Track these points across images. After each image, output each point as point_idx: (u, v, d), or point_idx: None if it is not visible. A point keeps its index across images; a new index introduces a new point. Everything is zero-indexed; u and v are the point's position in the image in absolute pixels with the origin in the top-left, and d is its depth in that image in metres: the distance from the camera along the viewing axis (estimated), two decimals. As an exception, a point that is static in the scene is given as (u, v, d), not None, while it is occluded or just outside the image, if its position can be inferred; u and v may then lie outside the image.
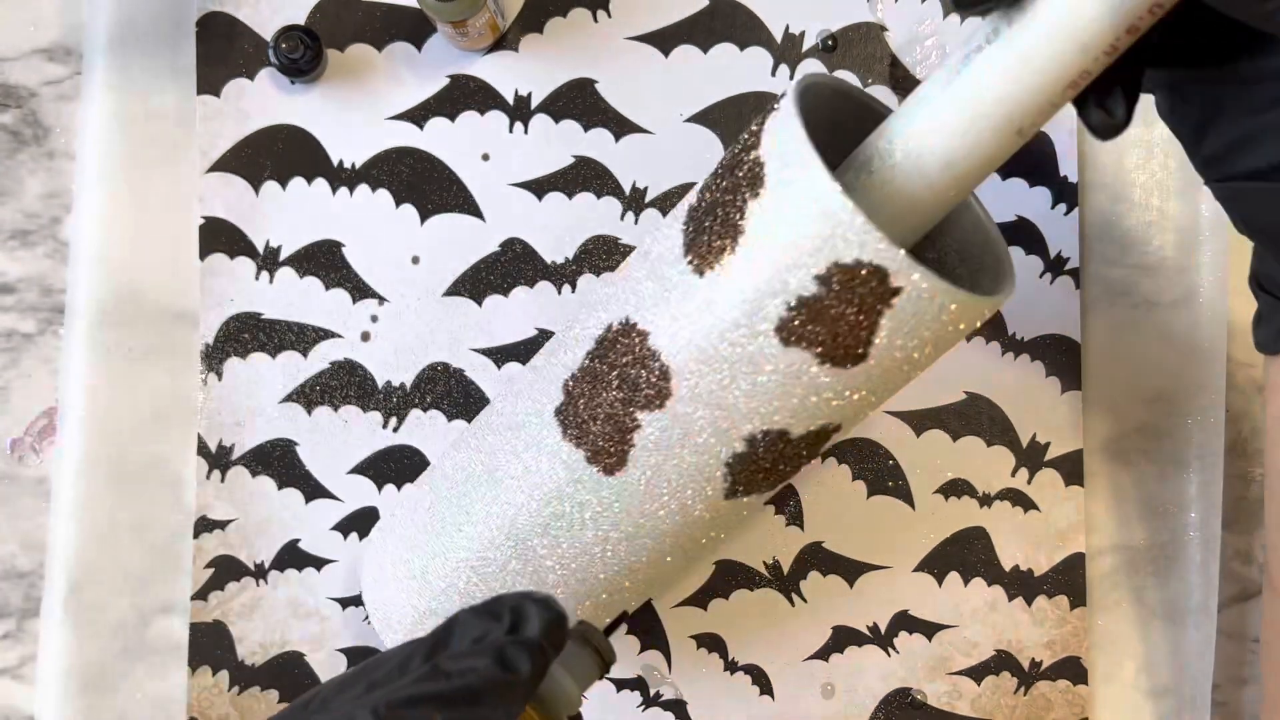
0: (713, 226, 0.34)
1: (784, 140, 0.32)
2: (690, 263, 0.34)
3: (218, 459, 0.50)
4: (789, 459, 0.37)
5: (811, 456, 0.38)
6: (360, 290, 0.51)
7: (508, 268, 0.51)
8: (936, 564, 0.51)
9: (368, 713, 0.27)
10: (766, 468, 0.37)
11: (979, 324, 0.34)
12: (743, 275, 0.33)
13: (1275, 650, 0.39)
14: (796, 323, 0.33)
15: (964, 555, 0.51)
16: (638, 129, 0.51)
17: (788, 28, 0.50)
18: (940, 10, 0.51)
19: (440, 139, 0.51)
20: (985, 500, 0.51)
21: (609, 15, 0.51)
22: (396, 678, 0.28)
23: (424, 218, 0.51)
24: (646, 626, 0.51)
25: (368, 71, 0.51)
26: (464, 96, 0.51)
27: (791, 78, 0.50)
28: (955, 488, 0.51)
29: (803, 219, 0.31)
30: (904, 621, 0.51)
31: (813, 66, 0.50)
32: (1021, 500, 0.51)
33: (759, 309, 0.33)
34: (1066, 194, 0.51)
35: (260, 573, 0.50)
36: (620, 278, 0.39)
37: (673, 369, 0.35)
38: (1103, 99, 0.31)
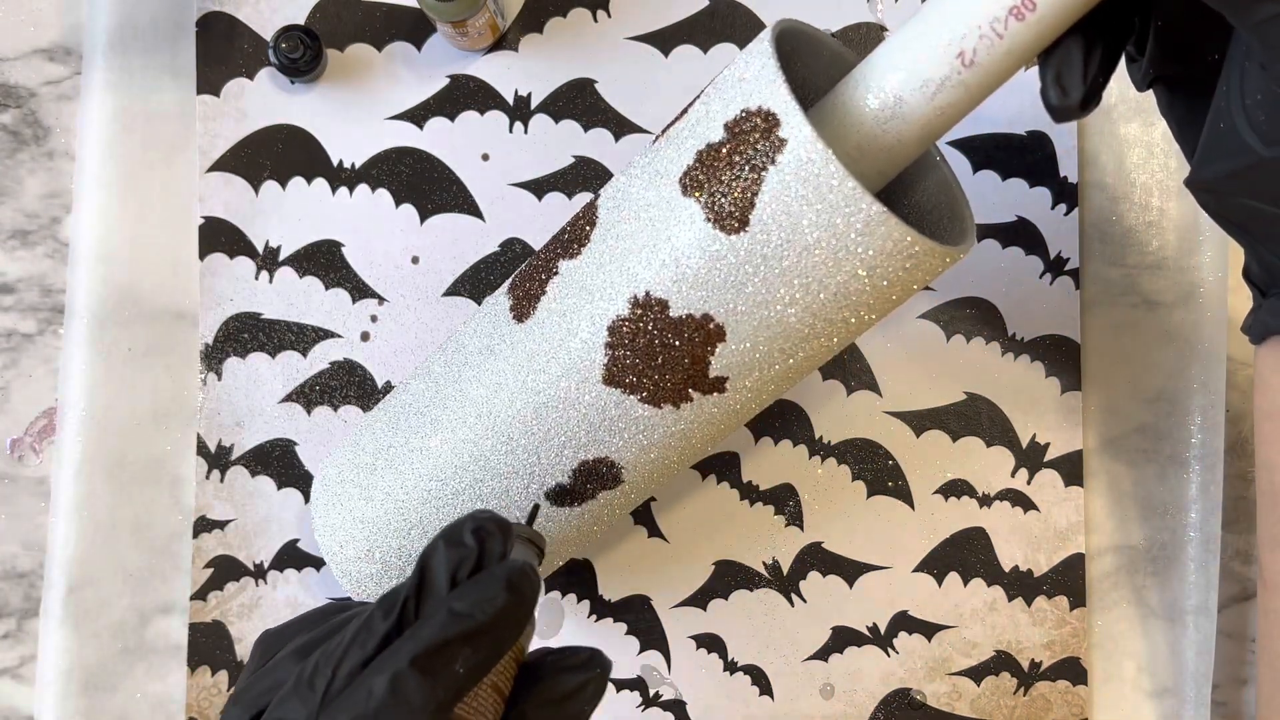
0: (676, 120, 0.37)
1: (752, 55, 0.34)
2: (655, 142, 0.38)
3: (217, 459, 0.50)
4: (666, 346, 0.36)
5: (694, 363, 0.36)
6: (360, 290, 0.51)
7: (508, 268, 0.51)
8: (936, 564, 0.51)
9: (406, 666, 0.27)
10: (642, 347, 0.36)
11: (901, 258, 0.33)
12: (670, 136, 0.36)
13: (1271, 645, 0.39)
14: (697, 172, 0.34)
15: (964, 555, 0.51)
16: (638, 129, 0.51)
17: (787, 28, 0.51)
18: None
19: (440, 139, 0.51)
20: (985, 500, 0.51)
21: (609, 15, 0.51)
22: (382, 629, 0.28)
23: (424, 218, 0.51)
24: (646, 626, 0.51)
25: (367, 71, 0.51)
26: (464, 96, 0.51)
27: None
28: (955, 488, 0.51)
29: (733, 79, 0.34)
30: (904, 622, 0.51)
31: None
32: (1021, 500, 0.51)
33: (675, 162, 0.35)
34: (1066, 194, 0.51)
35: (259, 573, 0.50)
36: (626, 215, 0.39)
37: (599, 218, 0.37)
38: (1060, 74, 0.31)
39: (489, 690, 0.30)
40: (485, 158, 0.51)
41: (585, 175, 0.51)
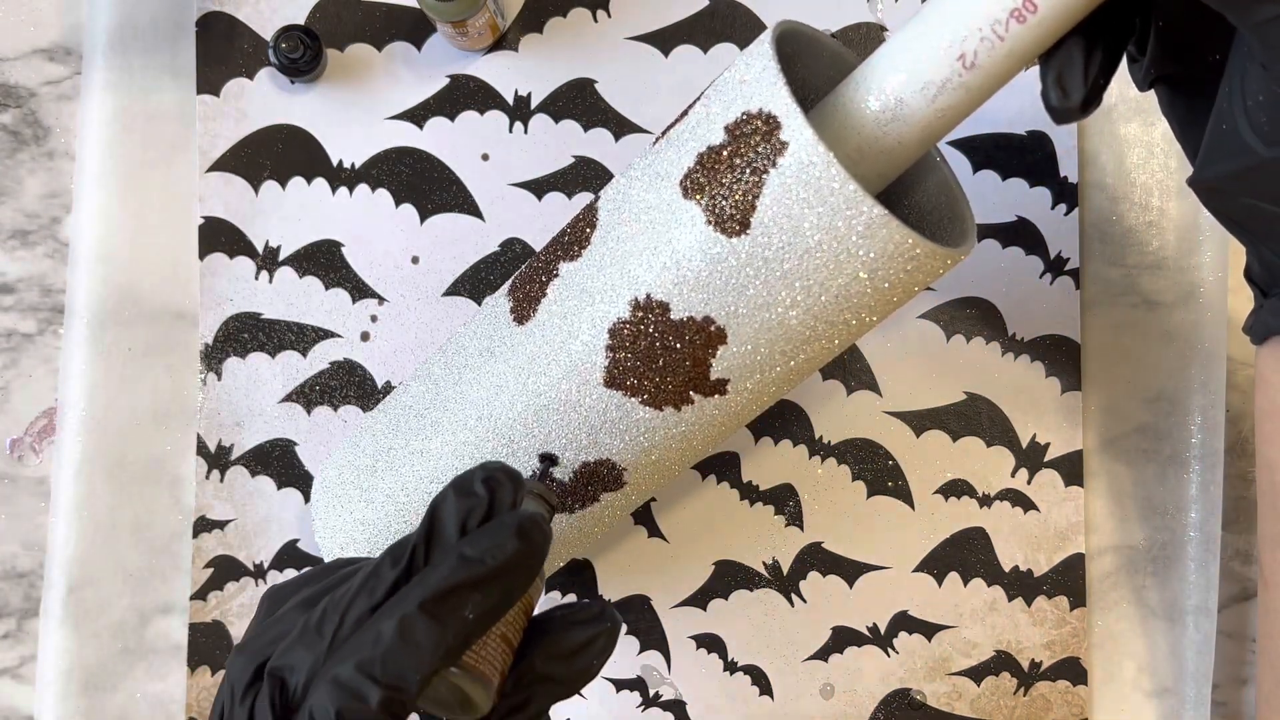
0: (676, 123, 0.37)
1: (753, 56, 0.34)
2: (656, 143, 0.38)
3: (217, 459, 0.50)
4: (667, 348, 0.36)
5: (695, 365, 0.36)
6: (360, 290, 0.51)
7: (508, 268, 0.51)
8: (936, 564, 0.51)
9: (415, 610, 0.27)
10: (643, 349, 0.36)
11: (902, 260, 0.33)
12: (671, 138, 0.36)
13: (1271, 644, 0.39)
14: (698, 175, 0.34)
15: (964, 555, 0.51)
16: (638, 129, 0.51)
17: (787, 28, 0.50)
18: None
19: (440, 139, 0.51)
20: (985, 501, 0.51)
21: (609, 15, 0.51)
22: (390, 576, 0.28)
23: (424, 218, 0.51)
24: (646, 627, 0.51)
25: (367, 71, 0.51)
26: (464, 96, 0.51)
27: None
28: (955, 488, 0.51)
29: (733, 81, 0.34)
30: (904, 622, 0.51)
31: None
32: (1021, 500, 0.51)
33: (676, 165, 0.35)
34: (1066, 194, 0.51)
35: (259, 573, 0.50)
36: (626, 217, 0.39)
37: (599, 220, 0.37)
38: (1061, 75, 0.31)
39: (498, 640, 0.30)
40: (485, 158, 0.51)
41: (585, 175, 0.51)
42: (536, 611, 0.32)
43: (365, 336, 0.51)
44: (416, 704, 0.28)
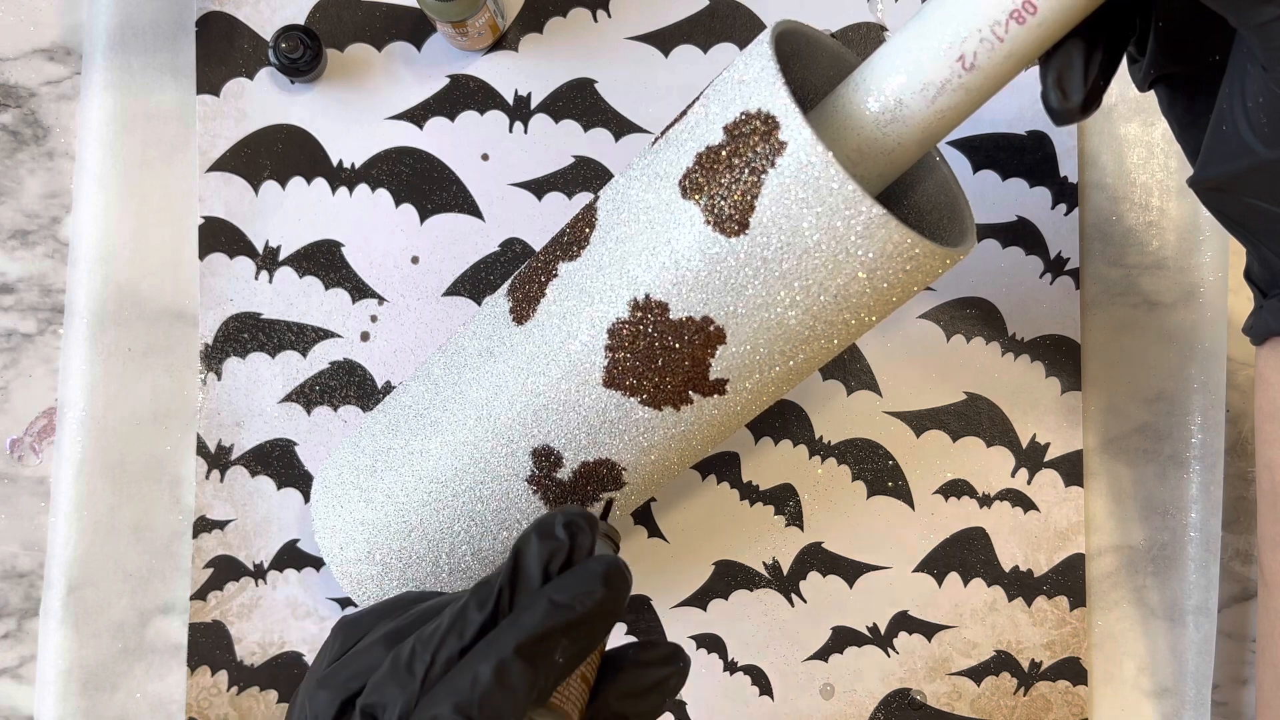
0: (676, 122, 0.37)
1: (752, 56, 0.34)
2: (655, 143, 0.38)
3: (217, 459, 0.50)
4: (666, 348, 0.36)
5: (694, 365, 0.36)
6: (360, 290, 0.51)
7: (508, 268, 0.51)
8: (936, 564, 0.51)
9: (511, 654, 0.28)
10: (642, 349, 0.36)
11: (901, 260, 0.33)
12: (670, 138, 0.36)
13: (1271, 644, 0.39)
14: (697, 175, 0.34)
15: (964, 556, 0.51)
16: (638, 129, 0.51)
17: (787, 28, 0.50)
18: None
19: (440, 139, 0.51)
20: (985, 501, 0.51)
21: (609, 15, 0.51)
22: (479, 618, 0.29)
23: (424, 218, 0.51)
24: (646, 627, 0.51)
25: (367, 71, 0.51)
26: (464, 96, 0.51)
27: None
28: (955, 488, 0.51)
29: (732, 81, 0.34)
30: (904, 622, 0.51)
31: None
32: (1021, 500, 0.51)
33: (675, 165, 0.34)
34: (1066, 194, 0.51)
35: (259, 573, 0.50)
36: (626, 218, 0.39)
37: (598, 220, 0.37)
38: (1061, 77, 0.31)
39: (578, 680, 0.31)
40: (485, 158, 0.51)
41: (585, 175, 0.51)
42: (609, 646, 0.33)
43: (365, 336, 0.51)
44: None
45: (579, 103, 0.51)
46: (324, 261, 0.51)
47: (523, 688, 0.28)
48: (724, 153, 0.33)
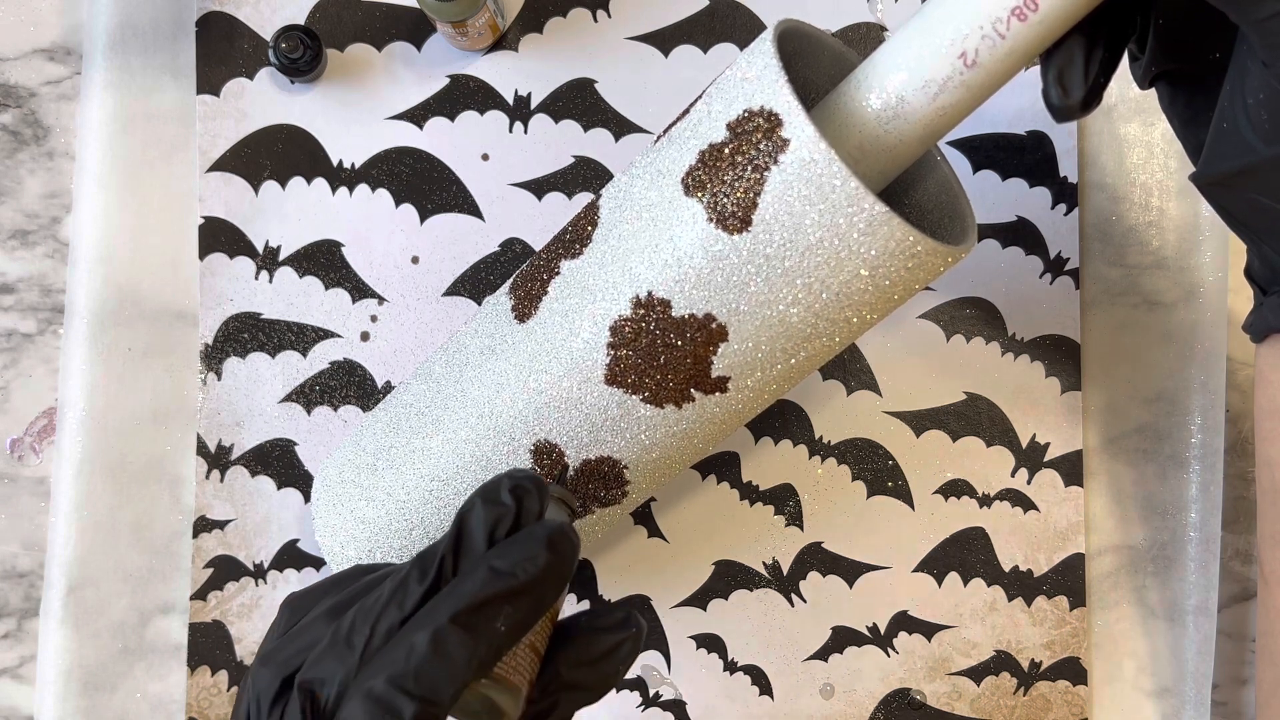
0: (679, 121, 0.37)
1: (754, 54, 0.34)
2: (657, 141, 0.38)
3: (217, 459, 0.50)
4: (668, 346, 0.36)
5: (696, 363, 0.36)
6: (360, 290, 0.51)
7: (508, 268, 0.51)
8: (936, 564, 0.51)
9: (447, 623, 0.27)
10: (644, 347, 0.36)
11: (903, 258, 0.33)
12: (672, 135, 0.36)
13: (1271, 642, 0.39)
14: (700, 172, 0.34)
15: (964, 555, 0.51)
16: (638, 129, 0.51)
17: (787, 28, 0.51)
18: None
19: (440, 139, 0.51)
20: (985, 501, 0.51)
21: (609, 15, 0.51)
22: (419, 588, 0.28)
23: (424, 218, 0.51)
24: (646, 627, 0.51)
25: (367, 71, 0.51)
26: (464, 96, 0.51)
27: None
28: (955, 488, 0.51)
29: (735, 79, 0.34)
30: (903, 622, 0.51)
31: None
32: (1021, 500, 0.51)
33: (678, 162, 0.35)
34: (1066, 194, 0.51)
35: (259, 573, 0.50)
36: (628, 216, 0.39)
37: (601, 218, 0.37)
38: (1062, 74, 0.31)
39: (526, 649, 0.30)
40: (485, 158, 0.51)
41: (585, 175, 0.51)
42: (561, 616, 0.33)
43: (365, 336, 0.51)
44: (448, 715, 0.28)
45: (579, 103, 0.51)
46: (324, 261, 0.51)
47: (461, 657, 0.27)
48: (727, 150, 0.33)
